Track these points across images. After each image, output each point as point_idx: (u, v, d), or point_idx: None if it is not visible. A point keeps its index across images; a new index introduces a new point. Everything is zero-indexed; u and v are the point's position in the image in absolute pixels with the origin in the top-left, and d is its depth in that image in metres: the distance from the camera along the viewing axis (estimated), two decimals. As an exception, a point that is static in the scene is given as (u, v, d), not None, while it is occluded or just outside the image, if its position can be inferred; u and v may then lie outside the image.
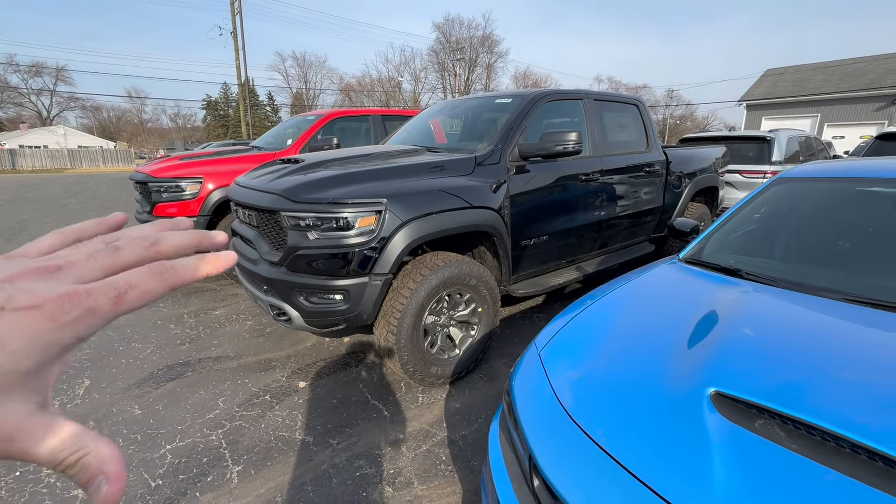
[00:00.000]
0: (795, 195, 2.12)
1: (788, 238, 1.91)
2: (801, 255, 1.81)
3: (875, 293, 1.38)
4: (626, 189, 3.70)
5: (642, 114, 4.02)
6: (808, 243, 1.85)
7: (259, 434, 2.21)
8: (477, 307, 2.69)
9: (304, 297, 2.30)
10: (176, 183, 4.11)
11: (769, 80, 26.03)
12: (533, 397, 1.24)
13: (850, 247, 1.72)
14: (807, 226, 1.95)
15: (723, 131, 6.03)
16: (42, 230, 7.50)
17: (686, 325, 1.31)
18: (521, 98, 3.16)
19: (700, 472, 0.85)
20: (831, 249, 1.77)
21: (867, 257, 1.64)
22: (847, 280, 1.54)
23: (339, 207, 2.20)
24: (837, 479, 0.78)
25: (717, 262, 1.83)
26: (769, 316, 1.34)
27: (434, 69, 54.63)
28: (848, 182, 2.02)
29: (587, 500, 0.91)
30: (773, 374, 1.04)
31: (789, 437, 0.89)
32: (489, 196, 2.68)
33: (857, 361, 1.06)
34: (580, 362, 1.29)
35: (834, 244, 1.79)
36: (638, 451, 0.94)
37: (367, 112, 5.32)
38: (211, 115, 60.81)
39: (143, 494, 1.82)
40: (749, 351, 1.14)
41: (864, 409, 0.89)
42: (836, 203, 1.98)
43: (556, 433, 1.09)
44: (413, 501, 1.80)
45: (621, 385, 1.15)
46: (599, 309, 1.56)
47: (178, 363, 2.92)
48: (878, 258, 1.62)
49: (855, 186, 1.95)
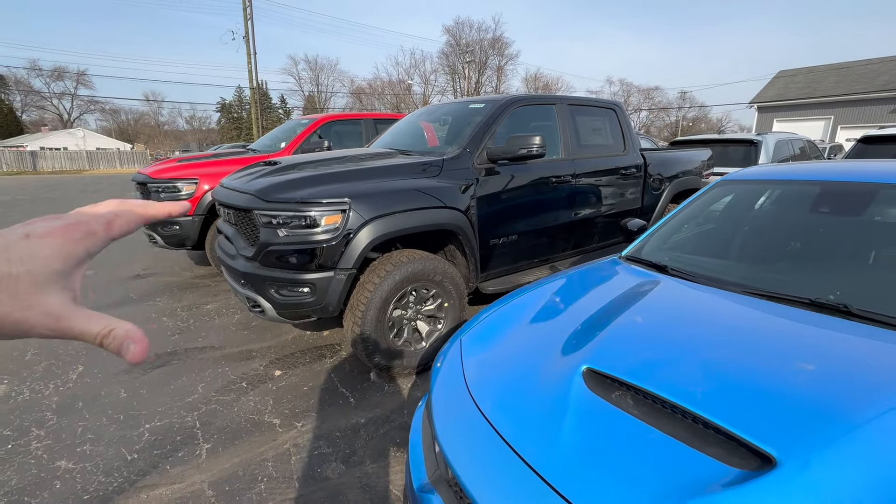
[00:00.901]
0: (735, 197, 2.23)
1: (719, 237, 2.02)
2: (725, 253, 1.92)
3: (770, 286, 1.49)
4: (600, 191, 3.81)
5: (619, 118, 4.13)
6: (733, 242, 1.96)
7: (231, 416, 2.38)
8: (443, 302, 2.83)
9: (275, 290, 2.47)
10: (173, 184, 4.34)
11: (781, 81, 25.71)
12: (445, 375, 1.38)
13: (767, 245, 1.83)
14: (738, 226, 2.06)
15: (726, 134, 6.06)
16: (55, 229, 7.84)
17: (589, 313, 1.44)
18: (493, 103, 3.30)
19: (551, 431, 0.99)
20: (752, 248, 1.88)
21: (779, 254, 1.75)
22: (753, 275, 1.65)
23: (307, 206, 2.37)
24: (657, 437, 0.91)
25: (650, 259, 1.95)
26: (665, 305, 1.46)
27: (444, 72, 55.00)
28: (784, 185, 2.12)
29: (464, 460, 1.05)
30: (638, 353, 1.16)
31: (636, 405, 1.02)
32: (456, 196, 2.83)
33: (719, 343, 1.18)
34: (491, 346, 1.43)
35: (756, 243, 1.90)
36: (508, 415, 1.08)
37: (359, 116, 5.52)
38: (225, 118, 61.97)
39: (118, 467, 2.01)
40: (629, 335, 1.27)
41: (698, 381, 1.02)
42: (768, 205, 2.09)
43: (455, 406, 1.23)
44: (363, 478, 1.95)
45: (516, 364, 1.28)
46: (525, 300, 1.70)
47: (166, 352, 3.12)
48: (787, 255, 1.72)
49: (788, 189, 2.05)
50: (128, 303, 4.09)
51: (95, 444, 2.16)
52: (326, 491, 1.87)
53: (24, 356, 3.05)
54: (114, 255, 5.93)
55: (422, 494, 1.16)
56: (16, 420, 2.34)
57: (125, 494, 1.85)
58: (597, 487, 0.85)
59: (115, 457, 2.07)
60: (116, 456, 2.07)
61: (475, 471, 0.99)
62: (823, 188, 1.90)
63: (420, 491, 1.17)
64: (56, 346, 3.21)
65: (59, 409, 2.45)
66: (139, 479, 1.93)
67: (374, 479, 1.93)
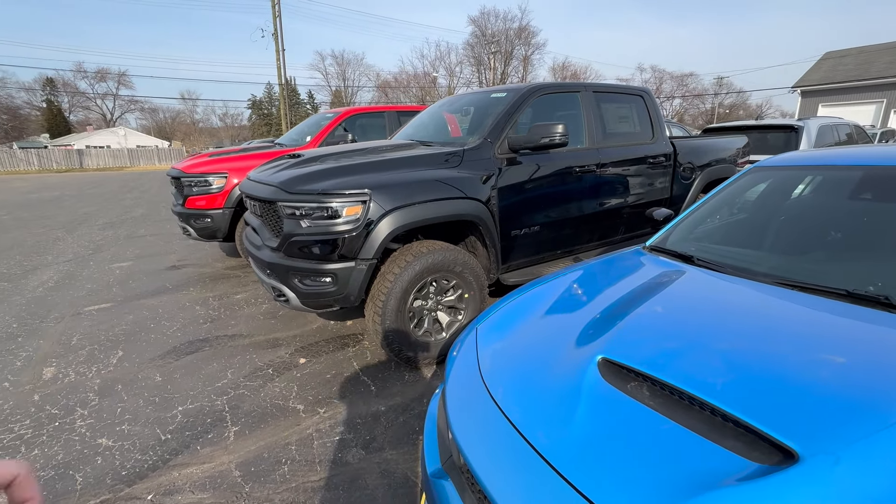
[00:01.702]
0: (770, 183, 2.12)
1: (750, 226, 1.93)
2: (757, 243, 1.83)
3: (804, 276, 1.41)
4: (627, 180, 3.70)
5: (648, 105, 3.98)
6: (766, 231, 1.87)
7: (258, 401, 2.47)
8: (463, 293, 2.83)
9: (298, 280, 2.53)
10: (204, 178, 4.49)
11: (828, 63, 24.14)
12: (461, 364, 1.38)
13: (803, 234, 1.73)
14: (771, 214, 1.96)
15: (764, 120, 5.73)
16: (99, 222, 8.29)
17: (608, 303, 1.40)
18: (515, 92, 3.25)
19: (562, 420, 0.97)
20: (786, 237, 1.79)
21: (815, 244, 1.66)
22: (786, 265, 1.57)
23: (329, 198, 2.41)
24: (673, 428, 0.88)
25: (676, 250, 1.88)
26: (687, 296, 1.41)
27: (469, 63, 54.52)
28: (823, 170, 2.00)
29: (475, 447, 1.05)
30: (657, 344, 1.13)
31: (652, 395, 0.99)
32: (476, 187, 2.81)
33: (742, 334, 1.13)
34: (507, 335, 1.42)
35: (790, 232, 1.80)
36: (520, 404, 1.07)
37: (383, 108, 5.54)
38: (256, 115, 63.63)
39: (153, 445, 2.12)
40: (648, 325, 1.23)
41: (718, 373, 0.98)
42: (806, 192, 1.97)
43: (468, 394, 1.24)
44: (381, 463, 1.98)
45: (531, 353, 1.27)
46: (543, 290, 1.67)
47: (198, 339, 3.26)
48: (824, 244, 1.63)
49: (826, 175, 1.94)
50: (164, 292, 4.29)
51: (133, 423, 2.29)
52: (347, 475, 1.91)
53: (71, 341, 3.25)
54: (153, 246, 6.22)
55: (435, 480, 1.17)
56: (62, 400, 2.51)
57: (159, 472, 1.95)
58: (607, 477, 0.83)
59: (150, 436, 2.18)
60: (151, 435, 2.19)
61: (486, 458, 0.99)
62: (866, 174, 1.78)
63: (433, 477, 1.19)
64: (98, 332, 3.40)
65: (101, 390, 2.60)
66: (172, 457, 2.04)
67: (393, 465, 1.96)
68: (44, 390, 2.61)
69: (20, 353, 3.09)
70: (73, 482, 1.90)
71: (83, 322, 3.60)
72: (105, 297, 4.19)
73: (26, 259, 5.62)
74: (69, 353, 3.06)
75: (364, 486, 1.85)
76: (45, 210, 9.99)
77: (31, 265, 5.33)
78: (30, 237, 6.96)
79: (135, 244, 6.42)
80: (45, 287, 4.50)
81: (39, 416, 2.36)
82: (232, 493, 1.82)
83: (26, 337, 3.34)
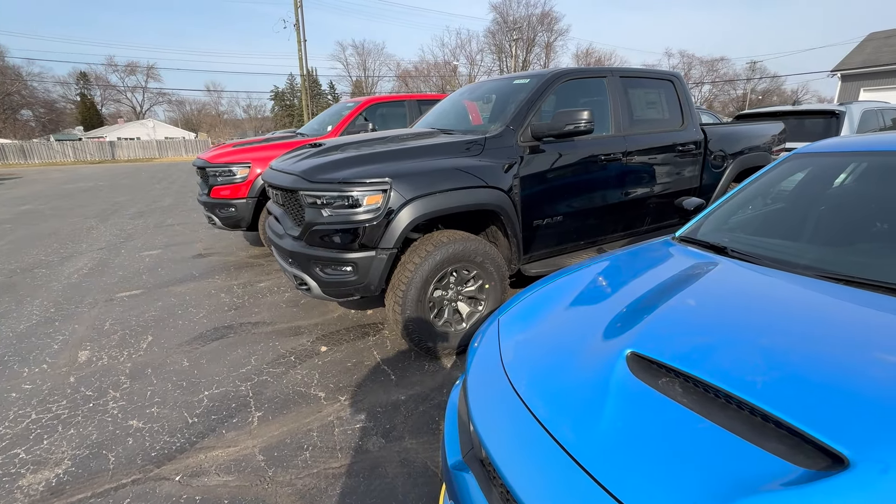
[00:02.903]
0: (810, 171, 2.00)
1: (789, 216, 1.83)
2: (797, 234, 1.73)
3: (850, 269, 1.32)
4: (654, 169, 3.58)
5: (678, 90, 3.82)
6: (807, 221, 1.76)
7: (280, 387, 2.51)
8: (484, 284, 2.80)
9: (320, 269, 2.54)
10: (228, 168, 4.56)
11: (872, 45, 22.75)
12: (482, 355, 1.36)
13: (848, 224, 1.62)
14: (812, 203, 1.84)
15: (801, 105, 5.43)
16: (130, 211, 8.57)
17: (637, 295, 1.35)
18: (538, 78, 3.16)
19: (589, 416, 0.94)
20: (829, 227, 1.68)
21: (862, 235, 1.55)
22: (830, 257, 1.48)
23: (349, 186, 2.40)
24: (707, 427, 0.84)
25: (707, 240, 1.80)
26: (721, 288, 1.34)
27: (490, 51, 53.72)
28: (869, 157, 1.87)
29: (497, 440, 1.02)
30: (690, 338, 1.07)
31: (685, 392, 0.94)
32: (498, 176, 2.75)
33: (783, 330, 1.06)
34: (528, 328, 1.38)
35: (834, 222, 1.69)
36: (544, 397, 1.03)
37: (403, 97, 5.50)
38: (278, 106, 64.46)
39: (181, 428, 2.18)
40: (680, 319, 1.17)
41: (758, 371, 0.92)
42: (851, 180, 1.85)
43: (490, 386, 1.21)
44: (401, 452, 1.99)
45: (555, 345, 1.23)
46: (568, 281, 1.63)
47: (223, 326, 3.33)
48: (872, 235, 1.52)
49: (871, 161, 1.81)
50: (191, 279, 4.40)
51: (162, 406, 2.36)
52: (367, 463, 1.92)
53: (104, 326, 3.38)
54: (180, 235, 6.39)
55: (455, 472, 1.16)
56: (96, 382, 2.60)
57: (186, 454, 2.00)
58: (638, 477, 0.79)
59: (178, 419, 2.25)
60: (179, 419, 2.25)
61: (509, 453, 0.97)
62: (921, 159, 1.65)
63: (454, 468, 1.17)
64: (129, 317, 3.52)
65: (132, 374, 2.68)
66: (198, 440, 2.09)
67: (413, 455, 1.97)
68: (79, 373, 2.71)
69: (57, 336, 3.22)
70: (105, 461, 1.97)
71: (115, 308, 3.73)
72: (136, 284, 4.33)
73: (63, 247, 5.85)
74: (102, 338, 3.18)
75: (384, 475, 1.86)
76: (80, 200, 10.38)
77: (67, 253, 5.55)
78: (66, 226, 7.25)
79: (163, 233, 6.61)
80: (80, 274, 4.68)
81: (75, 397, 2.46)
82: (256, 477, 1.86)
83: (63, 321, 3.48)
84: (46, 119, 45.85)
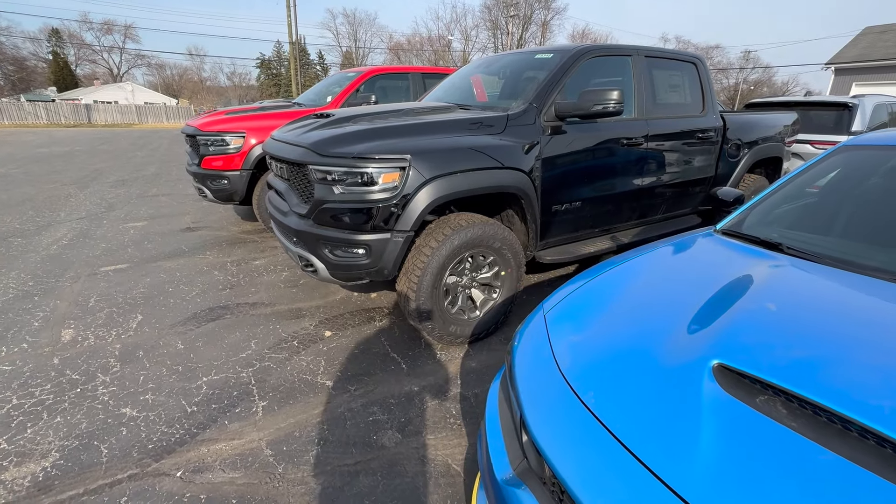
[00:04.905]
0: (862, 165, 1.89)
1: (847, 212, 1.72)
2: (858, 232, 1.63)
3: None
4: (673, 156, 3.45)
5: (701, 74, 3.67)
6: (869, 218, 1.66)
7: (285, 375, 2.36)
8: (500, 270, 2.67)
9: (328, 250, 2.36)
10: (221, 137, 4.27)
11: (867, 39, 22.80)
12: (532, 357, 1.23)
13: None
14: (870, 199, 1.74)
15: (797, 96, 5.38)
16: (111, 179, 8.14)
17: (704, 296, 1.23)
18: (563, 54, 2.96)
19: (685, 441, 0.82)
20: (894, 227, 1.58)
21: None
22: (903, 260, 1.38)
23: (364, 162, 2.21)
24: (834, 461, 0.73)
25: (756, 235, 1.69)
26: (799, 291, 1.23)
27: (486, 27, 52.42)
28: (928, 151, 1.77)
29: (568, 460, 0.90)
30: (785, 350, 0.96)
31: (791, 414, 0.83)
32: (520, 157, 2.59)
33: (887, 344, 0.96)
34: (584, 327, 1.26)
35: (897, 220, 1.59)
36: (624, 415, 0.91)
37: (407, 69, 5.22)
38: (264, 74, 62.15)
39: (179, 418, 2.02)
40: (765, 326, 1.06)
41: (879, 393, 0.81)
42: (908, 175, 1.75)
43: (548, 393, 1.08)
44: (420, 449, 1.88)
45: (622, 350, 1.11)
46: (616, 275, 1.50)
47: (218, 306, 3.14)
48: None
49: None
50: (180, 255, 4.16)
51: (156, 393, 2.19)
52: (384, 460, 1.81)
53: (88, 302, 3.16)
54: (166, 207, 6.08)
55: (508, 488, 1.04)
56: (83, 364, 2.41)
57: (187, 447, 1.85)
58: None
59: (175, 408, 2.09)
60: (177, 407, 2.09)
61: (588, 479, 0.84)
62: None
63: (506, 484, 1.05)
64: (116, 294, 3.30)
65: (122, 356, 2.50)
66: (200, 432, 1.94)
67: (432, 452, 1.86)
68: (63, 353, 2.52)
69: (37, 312, 2.99)
70: (98, 454, 1.81)
71: (99, 283, 3.50)
72: (121, 257, 4.08)
73: (38, 215, 5.51)
74: (87, 315, 2.96)
75: (403, 473, 1.75)
76: (56, 165, 9.83)
77: (43, 221, 5.22)
78: (42, 193, 6.84)
79: (148, 204, 6.28)
80: (60, 245, 4.39)
81: (60, 380, 2.27)
82: (265, 474, 1.73)
83: (42, 296, 3.24)
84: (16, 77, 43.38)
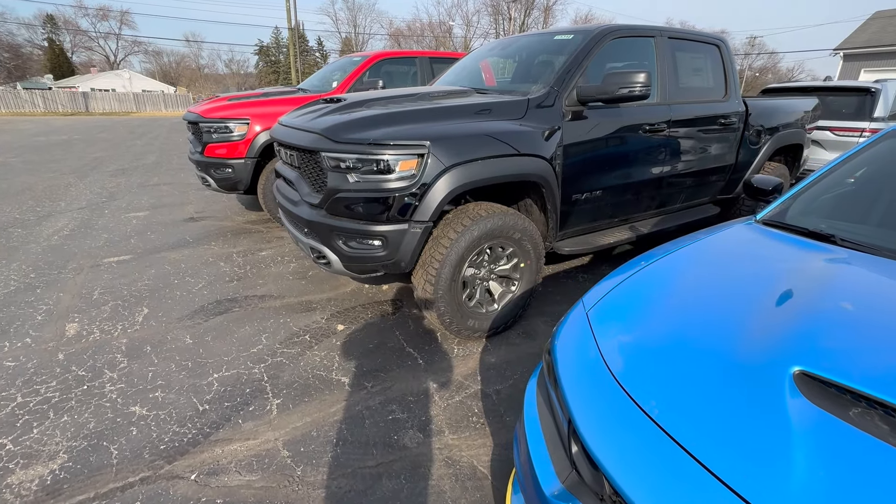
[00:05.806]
0: (914, 151, 1.77)
1: None
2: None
3: None
4: (695, 143, 3.32)
5: (724, 57, 3.53)
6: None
7: (298, 371, 2.28)
8: (519, 262, 2.57)
9: (343, 242, 2.26)
10: (225, 124, 4.14)
11: (877, 23, 22.34)
12: (577, 359, 1.13)
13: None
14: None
15: (814, 82, 5.22)
16: (110, 168, 8.00)
17: (765, 292, 1.13)
18: (585, 34, 2.82)
19: (778, 464, 0.72)
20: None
21: None
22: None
23: (380, 149, 2.09)
24: (961, 490, 0.63)
25: (803, 226, 1.58)
26: (871, 289, 1.13)
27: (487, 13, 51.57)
28: None
29: (636, 478, 0.81)
30: (873, 355, 0.86)
31: (893, 430, 0.74)
32: (541, 143, 2.47)
33: None
34: (634, 326, 1.16)
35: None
36: (700, 430, 0.82)
37: (415, 54, 5.05)
38: (263, 61, 61.35)
39: (191, 417, 1.94)
40: (845, 327, 0.96)
41: None
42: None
43: (600, 400, 0.99)
44: (443, 449, 1.80)
45: (682, 354, 1.01)
46: (659, 269, 1.40)
47: (226, 299, 3.05)
48: None
49: None
50: (185, 245, 4.06)
51: (166, 390, 2.11)
52: (407, 461, 1.73)
53: (92, 295, 3.06)
54: (168, 196, 5.96)
55: (558, 502, 0.95)
56: (89, 360, 2.33)
57: (200, 447, 1.78)
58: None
59: (186, 406, 2.01)
60: (188, 405, 2.01)
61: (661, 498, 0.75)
62: None
63: (555, 498, 0.96)
64: (120, 286, 3.21)
65: (129, 351, 2.42)
66: (213, 431, 1.86)
67: (456, 452, 1.78)
68: (68, 349, 2.43)
69: (40, 305, 2.91)
70: (108, 455, 1.73)
71: (103, 274, 3.40)
72: (124, 248, 3.98)
73: (38, 205, 5.39)
74: (91, 309, 2.87)
75: (428, 476, 1.67)
76: (54, 154, 9.68)
77: (44, 211, 5.11)
78: (41, 182, 6.71)
79: (149, 193, 6.16)
80: (61, 235, 4.29)
81: (66, 377, 2.19)
82: (283, 477, 1.65)
83: (45, 288, 3.15)
84: (12, 65, 42.78)
